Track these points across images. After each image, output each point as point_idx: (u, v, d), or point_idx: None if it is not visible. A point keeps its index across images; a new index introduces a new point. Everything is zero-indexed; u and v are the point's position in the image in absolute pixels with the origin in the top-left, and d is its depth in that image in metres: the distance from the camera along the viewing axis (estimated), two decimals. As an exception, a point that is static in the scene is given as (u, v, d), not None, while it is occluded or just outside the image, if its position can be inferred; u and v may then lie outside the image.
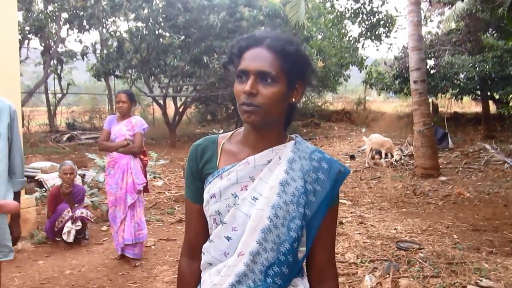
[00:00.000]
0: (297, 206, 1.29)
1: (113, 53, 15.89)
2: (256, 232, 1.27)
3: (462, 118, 19.77)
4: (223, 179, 1.34)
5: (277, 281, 1.29)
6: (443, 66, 15.73)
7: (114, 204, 4.95)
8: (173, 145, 16.59)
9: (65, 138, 17.25)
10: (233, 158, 1.39)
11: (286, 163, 1.33)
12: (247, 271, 1.28)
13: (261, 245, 1.27)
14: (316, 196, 1.33)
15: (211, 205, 1.35)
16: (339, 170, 1.37)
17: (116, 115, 5.13)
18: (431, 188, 9.46)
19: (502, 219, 6.92)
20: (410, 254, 5.05)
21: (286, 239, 1.28)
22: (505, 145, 14.11)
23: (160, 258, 5.25)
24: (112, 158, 4.95)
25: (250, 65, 1.28)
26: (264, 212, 1.27)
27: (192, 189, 1.45)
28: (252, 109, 1.27)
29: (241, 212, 1.30)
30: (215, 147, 1.44)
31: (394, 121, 21.90)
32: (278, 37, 1.32)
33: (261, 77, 1.27)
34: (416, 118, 10.99)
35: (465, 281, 4.19)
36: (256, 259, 1.27)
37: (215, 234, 1.34)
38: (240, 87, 1.29)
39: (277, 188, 1.29)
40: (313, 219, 1.33)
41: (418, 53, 10.89)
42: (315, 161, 1.37)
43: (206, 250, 1.37)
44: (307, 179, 1.33)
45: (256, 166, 1.34)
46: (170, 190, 9.27)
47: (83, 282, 4.49)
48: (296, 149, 1.38)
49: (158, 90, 19.21)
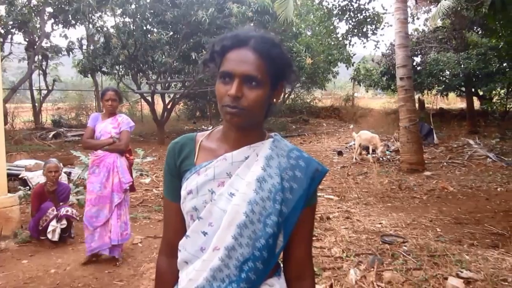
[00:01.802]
0: (274, 202, 1.30)
1: (99, 49, 15.75)
2: (231, 227, 1.27)
3: (447, 114, 20.01)
4: (200, 175, 1.35)
5: (251, 276, 1.30)
6: (429, 63, 15.94)
7: (94, 203, 4.77)
8: (162, 142, 16.54)
9: (50, 136, 16.99)
10: (211, 154, 1.39)
11: (263, 160, 1.34)
12: (222, 266, 1.28)
13: (236, 240, 1.27)
14: (292, 193, 1.34)
15: (188, 201, 1.35)
16: (316, 169, 1.38)
17: (100, 113, 5.03)
18: (416, 182, 9.60)
19: (484, 212, 7.06)
20: (394, 248, 5.13)
21: (262, 235, 1.29)
22: (488, 140, 14.34)
23: (147, 255, 5.20)
24: (97, 157, 4.79)
25: (236, 68, 1.26)
26: (240, 208, 1.28)
27: (169, 188, 1.46)
28: (236, 111, 1.27)
29: (217, 207, 1.31)
30: (193, 144, 1.44)
31: (381, 117, 22.09)
32: (262, 38, 1.30)
33: (247, 80, 1.27)
34: (402, 114, 11.12)
35: (446, 272, 4.28)
36: (231, 254, 1.28)
37: (191, 230, 1.35)
38: (223, 88, 1.28)
39: (254, 184, 1.30)
40: (289, 216, 1.33)
41: (405, 50, 11.00)
42: (292, 159, 1.38)
43: (182, 247, 1.38)
44: (284, 176, 1.34)
45: (234, 163, 1.34)
46: (158, 187, 9.27)
47: (69, 281, 4.44)
48: (274, 147, 1.38)
49: (146, 86, 19.11)
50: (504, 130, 14.18)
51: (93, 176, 4.81)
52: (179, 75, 18.81)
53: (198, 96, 21.05)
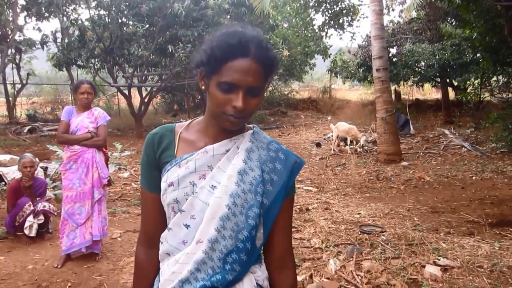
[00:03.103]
0: (255, 194, 1.32)
1: (74, 42, 15.44)
2: (214, 220, 1.29)
3: (423, 105, 20.28)
4: (182, 168, 1.35)
5: (236, 268, 1.32)
6: (405, 54, 16.14)
7: (74, 200, 4.64)
8: (140, 136, 16.40)
9: (26, 130, 16.71)
10: (191, 147, 1.40)
11: (244, 152, 1.36)
12: (205, 259, 1.29)
13: (219, 233, 1.29)
14: (273, 185, 1.36)
15: (169, 194, 1.35)
16: (295, 161, 1.42)
17: (74, 106, 4.86)
18: (393, 173, 9.74)
19: (460, 201, 7.21)
20: (372, 237, 5.21)
21: (244, 227, 1.30)
22: (463, 130, 14.61)
23: (126, 250, 5.16)
24: (74, 152, 4.64)
25: (242, 80, 1.25)
26: (222, 200, 1.29)
27: (148, 178, 1.44)
28: (239, 121, 1.29)
29: (199, 200, 1.31)
30: (172, 135, 1.43)
31: (358, 109, 22.29)
32: (260, 44, 1.28)
33: (249, 91, 1.27)
34: (379, 105, 11.24)
35: (424, 260, 4.37)
36: (214, 246, 1.29)
37: (173, 223, 1.35)
38: (225, 97, 1.27)
39: (235, 177, 1.31)
40: (270, 208, 1.35)
41: (380, 41, 11.10)
42: (272, 151, 1.41)
43: (164, 239, 1.38)
44: (265, 168, 1.36)
45: (215, 155, 1.35)
46: (137, 181, 9.19)
47: (47, 277, 4.38)
48: (254, 139, 1.40)
49: (122, 80, 18.88)
50: (479, 120, 14.43)
51: (70, 173, 4.67)
52: (155, 68, 18.62)
53: (176, 89, 20.90)
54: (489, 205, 6.92)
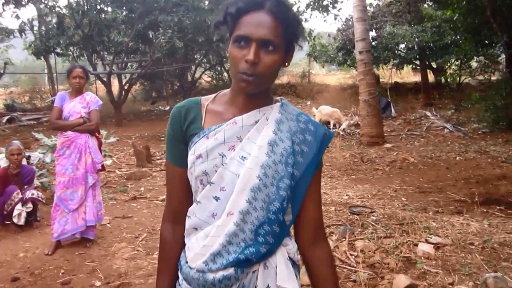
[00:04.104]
0: (286, 166, 1.30)
1: (53, 30, 15.11)
2: (245, 191, 1.26)
3: (402, 88, 20.45)
4: (210, 139, 1.32)
5: (269, 240, 1.29)
6: (385, 37, 16.20)
7: (67, 186, 4.63)
8: (119, 124, 16.22)
9: (4, 120, 16.43)
10: (218, 118, 1.37)
11: (274, 123, 1.33)
12: (237, 231, 1.27)
13: (250, 204, 1.26)
14: (303, 157, 1.34)
15: (197, 166, 1.32)
16: (324, 133, 1.40)
17: (67, 92, 4.84)
18: (377, 155, 9.83)
19: (445, 181, 7.32)
20: (363, 218, 5.24)
21: (275, 198, 1.28)
22: (443, 111, 14.80)
23: (116, 236, 5.16)
24: (67, 138, 4.63)
25: (254, 32, 1.23)
26: (253, 171, 1.27)
27: (174, 153, 1.41)
28: (252, 79, 1.25)
29: (229, 171, 1.29)
30: (199, 108, 1.40)
31: (338, 93, 22.36)
32: (277, 0, 1.27)
33: (263, 44, 1.24)
34: (361, 88, 11.27)
35: (416, 239, 4.41)
36: (246, 218, 1.27)
37: (202, 195, 1.32)
38: (239, 53, 1.25)
39: (265, 148, 1.29)
40: (301, 180, 1.33)
41: (363, 23, 11.09)
42: (302, 123, 1.38)
43: (192, 213, 1.35)
44: (295, 140, 1.34)
45: (244, 126, 1.33)
46: (121, 169, 9.12)
47: (39, 264, 4.35)
48: (283, 111, 1.38)
49: (101, 67, 18.58)
50: (459, 101, 14.65)
51: (63, 158, 4.66)
52: (135, 55, 18.37)
53: (155, 76, 20.66)
54: (474, 184, 7.05)
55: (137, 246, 4.80)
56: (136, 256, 4.51)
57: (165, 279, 1.47)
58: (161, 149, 11.57)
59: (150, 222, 5.64)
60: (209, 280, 1.29)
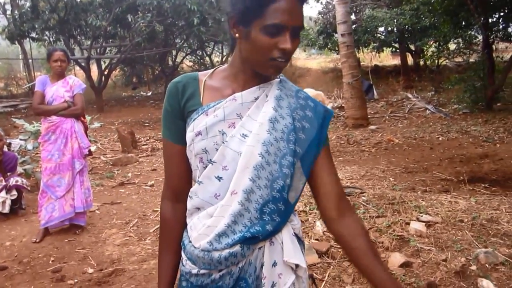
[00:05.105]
0: (287, 143, 1.28)
1: (27, 13, 14.68)
2: (248, 169, 1.24)
3: (382, 71, 20.58)
4: (209, 116, 1.29)
5: (275, 218, 1.28)
6: (365, 20, 16.19)
7: (53, 172, 4.54)
8: (101, 110, 16.01)
9: (-21, 108, 16.08)
10: (217, 94, 1.34)
11: (273, 100, 1.31)
12: (242, 210, 1.25)
13: (254, 182, 1.25)
14: (305, 133, 1.32)
15: (196, 143, 1.29)
16: (325, 109, 1.38)
17: (48, 75, 4.75)
18: (362, 137, 9.90)
19: (430, 161, 7.42)
20: (353, 199, 5.27)
21: (279, 176, 1.26)
22: (424, 93, 14.97)
23: (106, 222, 5.10)
24: (52, 123, 4.54)
25: (290, 20, 1.20)
26: (255, 149, 1.25)
27: (172, 130, 1.37)
28: (284, 64, 1.25)
29: (230, 149, 1.26)
30: (197, 83, 1.36)
31: (320, 77, 22.41)
32: None
33: (294, 31, 1.23)
34: (344, 70, 11.28)
35: (407, 218, 4.47)
36: (250, 197, 1.25)
37: (204, 176, 1.29)
38: (271, 41, 1.21)
39: (266, 125, 1.27)
40: (304, 156, 1.31)
41: (344, 6, 11.05)
42: (301, 99, 1.36)
43: (194, 193, 1.33)
44: (295, 116, 1.32)
45: (243, 103, 1.30)
46: (106, 155, 9.01)
47: (27, 252, 4.29)
48: (282, 87, 1.35)
49: (79, 53, 18.19)
50: (438, 83, 14.81)
51: (48, 144, 4.57)
52: (113, 40, 18.03)
53: (135, 61, 20.36)
54: (458, 163, 7.16)
55: (129, 232, 4.74)
56: (128, 242, 4.47)
57: (168, 259, 1.45)
58: (146, 135, 11.47)
59: (140, 207, 5.59)
60: (215, 258, 1.27)
